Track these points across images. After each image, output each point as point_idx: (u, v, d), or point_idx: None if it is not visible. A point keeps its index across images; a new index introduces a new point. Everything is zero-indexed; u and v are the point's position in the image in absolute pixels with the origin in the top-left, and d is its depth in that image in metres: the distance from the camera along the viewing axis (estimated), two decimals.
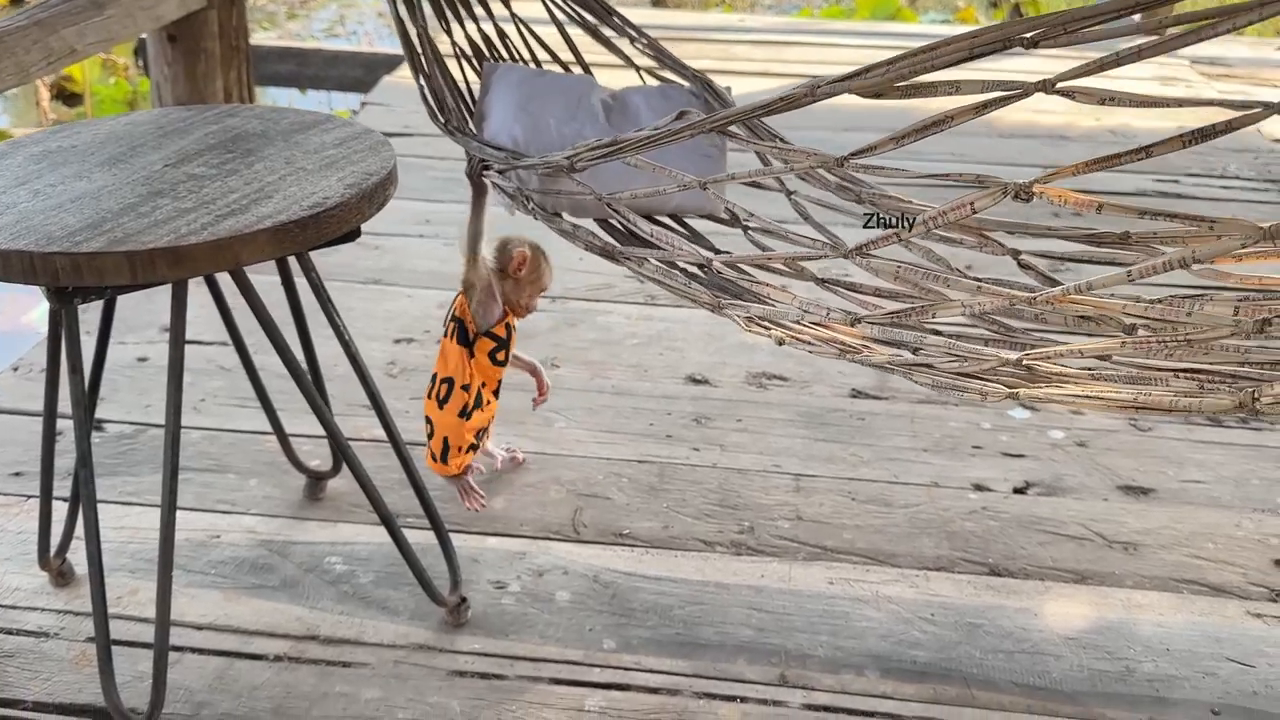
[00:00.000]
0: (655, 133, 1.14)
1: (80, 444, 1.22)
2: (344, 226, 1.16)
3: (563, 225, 1.41)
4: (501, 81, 1.63)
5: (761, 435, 1.88)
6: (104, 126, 1.36)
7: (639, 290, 2.36)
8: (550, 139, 1.54)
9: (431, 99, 1.55)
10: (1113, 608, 1.52)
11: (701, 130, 1.10)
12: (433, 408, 1.57)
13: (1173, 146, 0.85)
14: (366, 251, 2.51)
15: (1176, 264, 0.87)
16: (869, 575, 1.56)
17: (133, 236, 1.07)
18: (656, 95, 1.65)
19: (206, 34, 2.62)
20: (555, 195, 1.47)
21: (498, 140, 1.55)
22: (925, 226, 0.96)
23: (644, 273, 1.33)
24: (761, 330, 1.22)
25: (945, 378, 1.07)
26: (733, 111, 1.06)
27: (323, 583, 1.53)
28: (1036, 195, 0.91)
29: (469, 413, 1.56)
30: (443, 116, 1.54)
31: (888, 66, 0.91)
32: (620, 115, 1.61)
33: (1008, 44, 0.88)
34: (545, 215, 1.45)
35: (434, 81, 1.55)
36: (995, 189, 0.92)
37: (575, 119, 1.58)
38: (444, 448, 1.57)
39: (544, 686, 1.37)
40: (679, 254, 1.29)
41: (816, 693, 1.37)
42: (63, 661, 1.40)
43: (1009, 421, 1.93)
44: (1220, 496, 1.75)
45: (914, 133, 0.93)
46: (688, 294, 1.29)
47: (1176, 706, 1.36)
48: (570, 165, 1.27)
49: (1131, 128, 3.44)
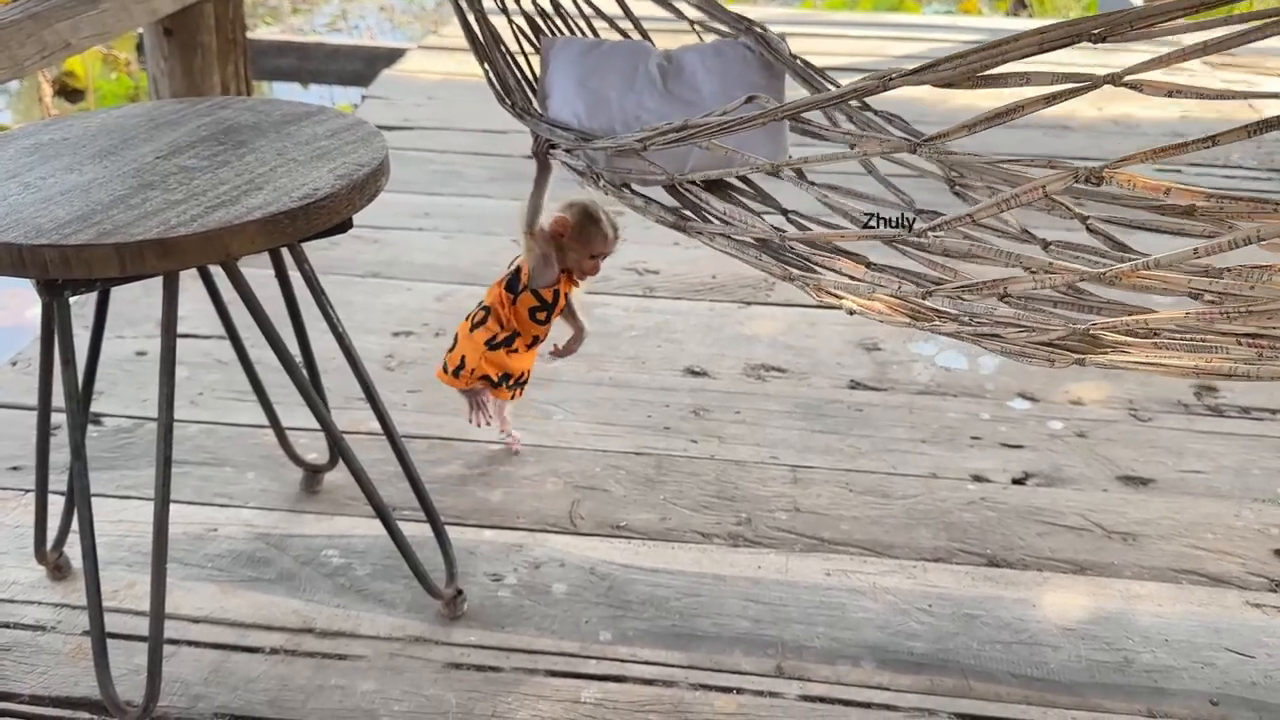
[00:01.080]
0: (727, 119, 1.18)
1: (74, 437, 1.21)
2: (335, 217, 1.16)
3: (633, 200, 1.41)
4: (559, 57, 1.62)
5: (759, 427, 1.88)
6: (96, 119, 1.36)
7: (637, 282, 2.35)
8: (612, 112, 1.55)
9: (496, 82, 1.55)
10: (1111, 598, 1.51)
11: (773, 118, 1.13)
12: (464, 327, 1.64)
13: (1238, 136, 0.88)
14: (365, 245, 2.50)
15: (1242, 241, 0.88)
16: (866, 566, 1.56)
17: (122, 228, 1.06)
18: (711, 53, 1.64)
19: (203, 27, 2.62)
20: (625, 171, 1.47)
21: (561, 118, 1.55)
22: (998, 208, 0.98)
23: (715, 245, 1.34)
24: (832, 299, 1.23)
25: (1015, 345, 1.09)
26: (805, 101, 1.10)
27: (319, 575, 1.53)
28: (1106, 180, 0.93)
29: (496, 345, 1.61)
30: (509, 99, 1.55)
31: (960, 60, 0.95)
32: (676, 79, 1.61)
33: (1077, 39, 0.91)
34: (615, 190, 1.45)
35: (497, 65, 1.55)
36: (1066, 173, 0.94)
37: (633, 89, 1.58)
38: (459, 364, 1.63)
39: (540, 678, 1.37)
40: (752, 230, 1.30)
41: (813, 684, 1.37)
42: (59, 655, 1.40)
43: (1008, 412, 1.92)
44: (1220, 486, 1.74)
45: (986, 120, 0.95)
46: (759, 265, 1.30)
47: (1175, 697, 1.35)
48: (642, 148, 1.29)
49: (1134, 117, 3.42)
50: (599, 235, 1.58)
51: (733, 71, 1.60)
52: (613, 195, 1.44)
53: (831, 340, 2.14)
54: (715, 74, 1.59)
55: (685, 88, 1.59)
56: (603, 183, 1.45)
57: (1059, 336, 1.05)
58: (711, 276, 2.37)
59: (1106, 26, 0.90)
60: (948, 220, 1.04)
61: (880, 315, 1.19)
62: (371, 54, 4.57)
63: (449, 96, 3.52)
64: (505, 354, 1.63)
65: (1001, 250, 1.14)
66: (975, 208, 1.00)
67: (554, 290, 1.60)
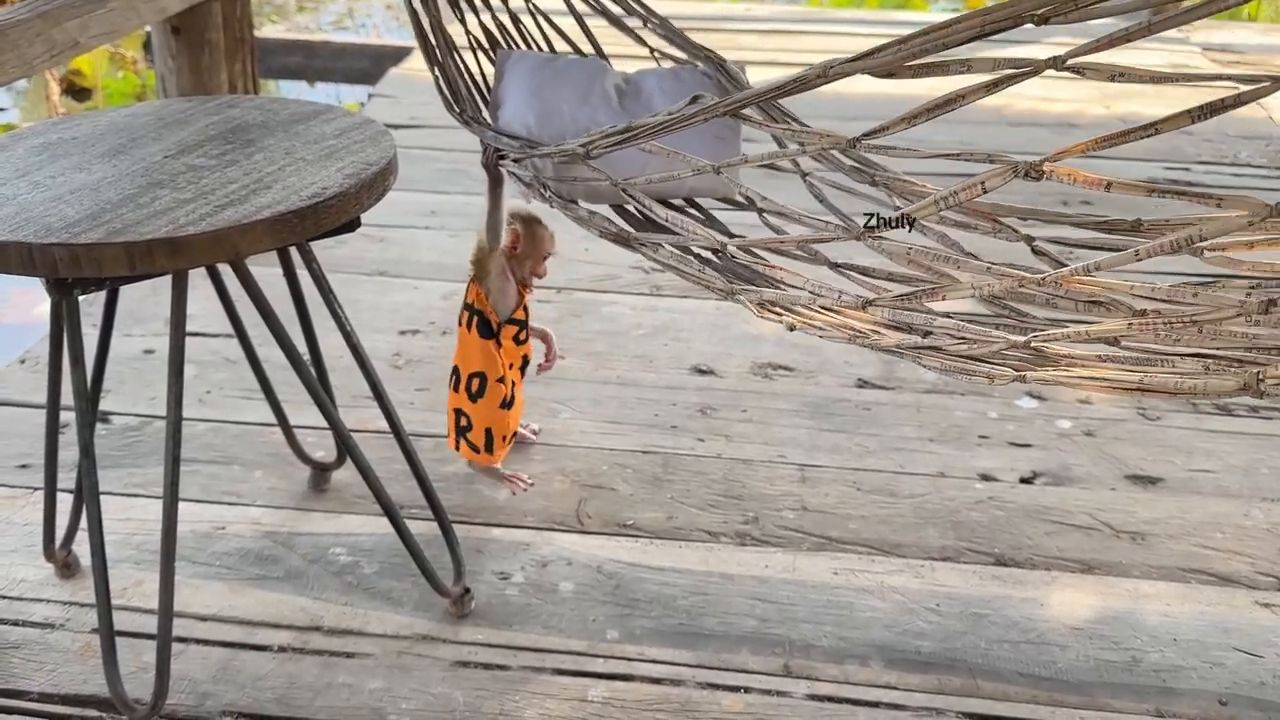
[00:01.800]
0: (669, 118, 1.15)
1: (82, 435, 1.22)
2: (343, 217, 1.16)
3: (579, 213, 1.41)
4: (514, 69, 1.62)
5: (766, 425, 1.87)
6: (105, 118, 1.36)
7: (644, 281, 2.35)
8: (564, 125, 1.55)
9: (446, 89, 1.55)
10: (1119, 598, 1.51)
11: (715, 114, 1.11)
12: (463, 401, 1.60)
13: (1181, 122, 0.84)
14: (372, 243, 2.51)
15: (1184, 243, 0.87)
16: (874, 565, 1.56)
17: (131, 227, 1.06)
18: (669, 77, 1.64)
19: (210, 25, 2.62)
20: (571, 183, 1.47)
21: (512, 128, 1.55)
22: (937, 206, 0.96)
23: (658, 258, 1.33)
24: (773, 316, 1.22)
25: (954, 361, 1.07)
26: (746, 94, 1.06)
27: (327, 574, 1.53)
28: (1046, 174, 0.91)
29: (510, 403, 1.61)
30: (457, 106, 1.55)
31: (900, 45, 0.91)
32: (634, 99, 1.61)
33: (1018, 21, 0.88)
34: (561, 203, 1.45)
35: (448, 71, 1.55)
36: (1005, 167, 0.92)
37: (588, 104, 1.57)
38: (487, 439, 1.61)
39: (547, 677, 1.37)
40: (693, 238, 1.29)
41: (820, 683, 1.36)
42: (68, 652, 1.40)
43: (1016, 411, 1.92)
44: (1229, 486, 1.74)
45: (925, 112, 0.92)
46: (701, 280, 1.29)
47: (1183, 697, 1.35)
48: (586, 153, 1.27)
49: (1142, 115, 3.41)
50: (545, 234, 1.60)
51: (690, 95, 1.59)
52: (558, 208, 1.43)
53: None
54: (672, 97, 1.56)
55: (641, 108, 1.58)
56: (549, 194, 1.45)
57: (1000, 350, 1.04)
58: None
59: (1050, 7, 0.86)
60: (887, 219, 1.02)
61: (821, 332, 1.17)
62: (378, 52, 4.57)
63: None
64: (518, 402, 1.65)
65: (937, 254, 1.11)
66: (914, 206, 0.97)
67: (522, 306, 1.61)
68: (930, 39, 0.90)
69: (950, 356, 1.08)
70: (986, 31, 0.88)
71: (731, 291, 1.25)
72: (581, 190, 1.50)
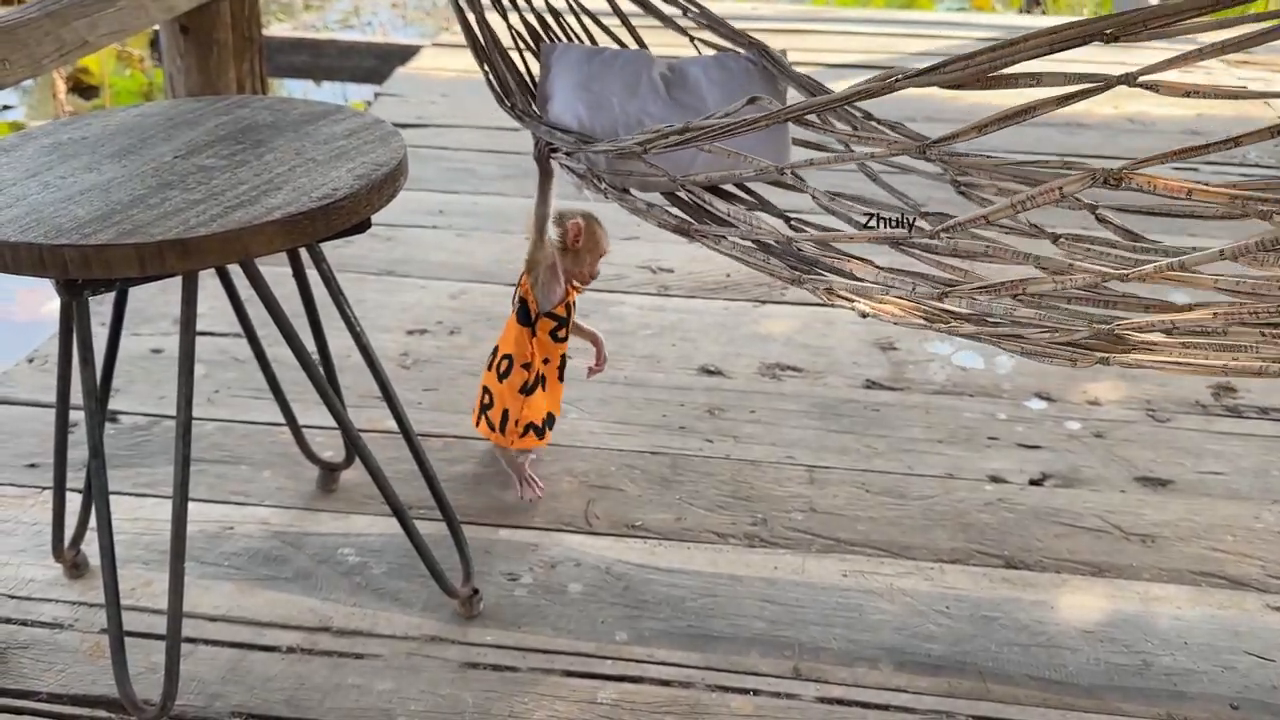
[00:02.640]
0: (729, 121, 1.16)
1: (92, 436, 1.22)
2: (354, 218, 1.16)
3: (636, 204, 1.41)
4: (560, 62, 1.62)
5: (775, 426, 1.87)
6: (114, 118, 1.36)
7: (651, 280, 2.35)
8: (614, 117, 1.55)
9: (496, 84, 1.55)
10: (1130, 600, 1.50)
11: (777, 120, 1.12)
12: (492, 379, 1.62)
13: (1261, 137, 0.87)
14: (380, 243, 2.50)
15: (1270, 243, 0.87)
16: (883, 568, 1.55)
17: (142, 228, 1.06)
18: (715, 65, 1.65)
19: (219, 25, 2.62)
20: (625, 175, 1.47)
21: (562, 121, 1.55)
22: (1014, 209, 0.97)
23: (720, 249, 1.33)
24: (844, 302, 1.22)
25: (1037, 346, 1.08)
26: (809, 103, 1.09)
27: (336, 574, 1.53)
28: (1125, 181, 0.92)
29: (530, 389, 1.60)
30: (510, 101, 1.55)
31: (968, 61, 0.93)
32: (680, 88, 1.61)
33: (1088, 39, 0.90)
34: (616, 194, 1.45)
35: (496, 67, 1.55)
36: (1084, 175, 0.93)
37: (637, 95, 1.58)
38: (503, 418, 1.61)
39: (556, 678, 1.37)
40: (758, 231, 1.29)
41: (830, 685, 1.36)
42: (77, 653, 1.40)
43: (1025, 412, 1.91)
44: (1239, 488, 1.73)
45: (996, 122, 0.94)
46: (766, 268, 1.29)
47: (1195, 701, 1.35)
48: (643, 151, 1.28)
49: (1149, 115, 3.40)
50: (603, 234, 1.61)
51: (736, 83, 1.60)
52: (614, 199, 1.44)
53: (847, 339, 2.13)
54: (719, 85, 1.58)
55: (690, 96, 1.59)
56: (604, 185, 1.45)
57: (1083, 337, 1.04)
58: (726, 275, 2.36)
59: (1119, 26, 0.88)
60: (960, 221, 1.03)
61: (894, 318, 1.18)
62: (384, 51, 4.57)
63: (462, 94, 3.51)
64: (540, 394, 1.63)
65: (1015, 250, 1.13)
66: (990, 209, 0.99)
67: (565, 304, 1.60)
68: (1001, 55, 0.92)
69: (1033, 342, 1.08)
70: (1056, 48, 0.90)
71: (798, 279, 1.25)
72: (635, 181, 1.50)
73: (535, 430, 1.63)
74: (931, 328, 1.17)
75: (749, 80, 1.61)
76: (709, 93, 1.59)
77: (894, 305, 1.18)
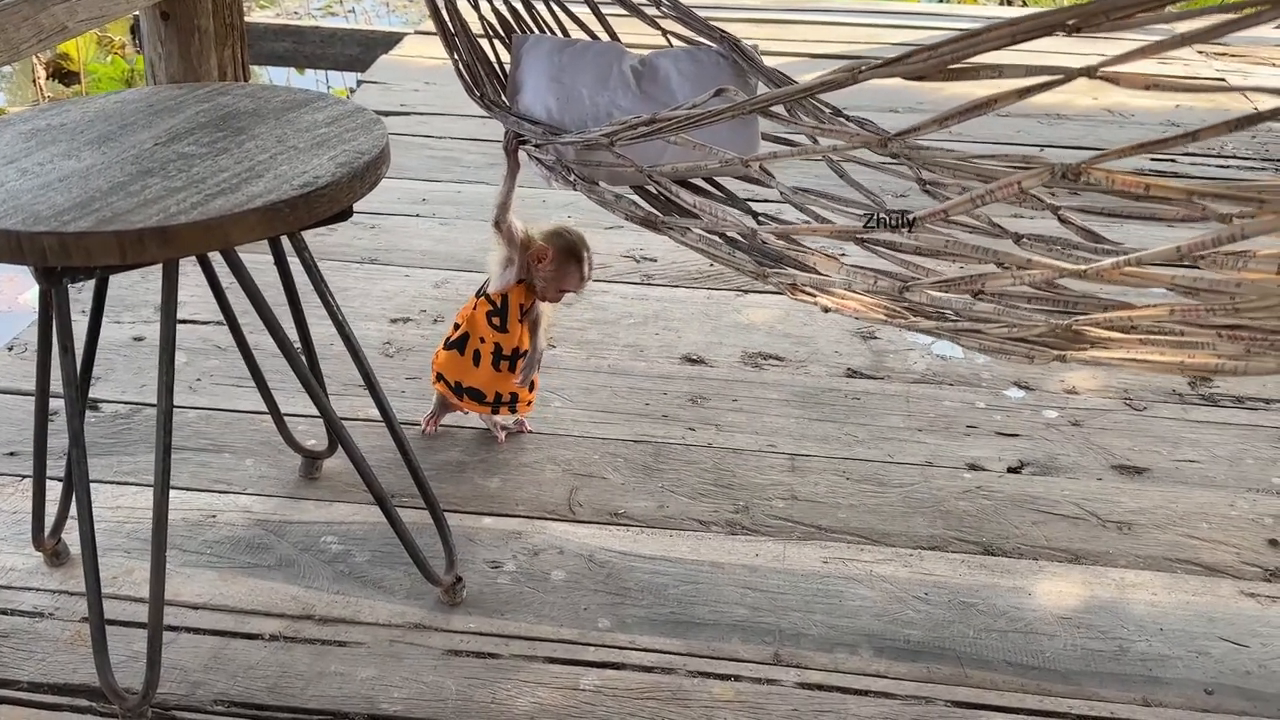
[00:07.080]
0: (695, 113, 1.16)
1: (72, 424, 1.21)
2: (335, 206, 1.16)
3: (604, 195, 1.41)
4: (531, 53, 1.62)
5: (757, 415, 1.88)
6: (94, 105, 1.35)
7: (635, 270, 2.35)
8: (584, 109, 1.55)
9: (465, 73, 1.55)
10: (1106, 587, 1.52)
11: (742, 112, 1.11)
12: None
13: (1219, 131, 0.87)
14: (363, 231, 2.50)
15: (1225, 240, 0.87)
16: (863, 555, 1.57)
17: (121, 216, 1.06)
18: (685, 58, 1.65)
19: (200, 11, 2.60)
20: (594, 167, 1.47)
21: (532, 113, 1.55)
22: (973, 203, 0.97)
23: (687, 241, 1.33)
24: (807, 298, 1.22)
25: (994, 342, 1.08)
26: (775, 94, 1.08)
27: (318, 562, 1.53)
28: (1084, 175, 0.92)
29: (451, 345, 1.68)
30: (479, 91, 1.55)
31: (930, 52, 0.92)
32: (651, 81, 1.61)
33: (1049, 30, 0.89)
34: (585, 185, 1.45)
35: (466, 56, 1.54)
36: (1043, 169, 0.93)
37: (607, 88, 1.58)
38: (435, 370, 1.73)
39: (539, 665, 1.37)
40: (723, 224, 1.29)
41: (810, 671, 1.37)
42: (58, 641, 1.40)
43: (1004, 401, 1.93)
44: (1215, 476, 1.75)
45: (958, 115, 0.94)
46: (732, 262, 1.29)
47: (1170, 686, 1.36)
48: (610, 142, 1.28)
49: (1128, 106, 3.42)
50: (574, 275, 1.62)
51: (707, 76, 1.60)
52: (583, 190, 1.44)
53: (829, 329, 2.14)
54: (689, 79, 1.58)
55: (659, 89, 1.59)
56: (573, 177, 1.45)
57: (1040, 333, 1.05)
58: (709, 264, 2.36)
59: (1081, 18, 0.88)
60: (919, 216, 1.03)
61: (855, 313, 1.18)
62: (368, 38, 4.54)
63: (446, 82, 3.50)
64: (459, 358, 1.68)
65: (975, 246, 1.12)
66: (949, 203, 0.99)
67: (503, 295, 1.62)
68: (962, 46, 0.91)
69: (990, 338, 1.09)
70: (1017, 40, 0.89)
71: (762, 274, 1.25)
72: (604, 173, 1.50)
73: (448, 385, 1.71)
74: (891, 323, 1.17)
75: (719, 74, 1.61)
76: (679, 86, 1.58)
77: (855, 301, 1.18)
